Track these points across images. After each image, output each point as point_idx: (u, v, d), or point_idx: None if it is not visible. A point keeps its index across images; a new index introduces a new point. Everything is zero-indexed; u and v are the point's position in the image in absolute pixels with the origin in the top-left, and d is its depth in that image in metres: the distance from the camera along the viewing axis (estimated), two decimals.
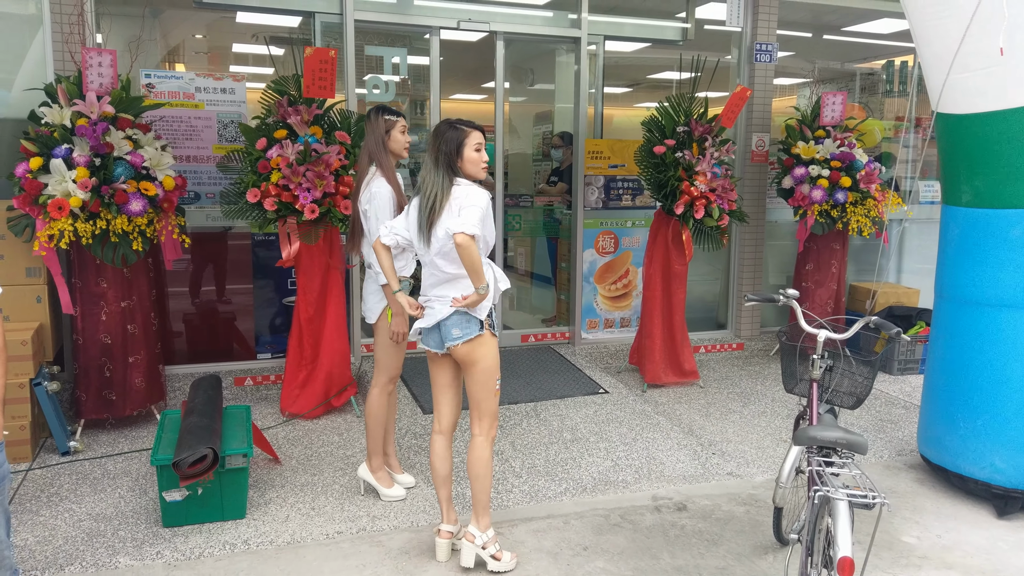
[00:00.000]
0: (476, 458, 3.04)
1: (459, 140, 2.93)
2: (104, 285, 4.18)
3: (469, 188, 2.93)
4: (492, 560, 3.05)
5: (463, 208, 2.86)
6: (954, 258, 3.85)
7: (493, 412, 3.05)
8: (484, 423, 3.05)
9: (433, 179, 2.91)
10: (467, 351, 2.95)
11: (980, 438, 3.68)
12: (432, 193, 2.90)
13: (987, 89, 3.54)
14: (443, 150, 2.92)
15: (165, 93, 4.77)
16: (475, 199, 2.89)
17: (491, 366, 2.99)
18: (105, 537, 3.24)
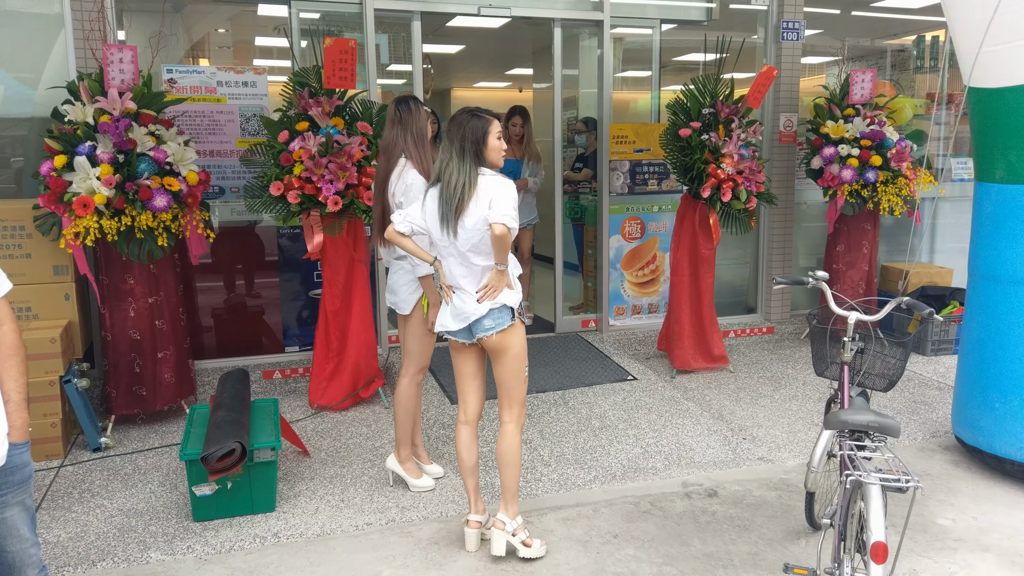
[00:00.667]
0: (507, 445, 3.03)
1: (484, 129, 2.90)
2: (131, 281, 4.23)
3: (496, 178, 2.90)
4: (523, 547, 3.04)
5: (496, 198, 2.83)
6: (988, 236, 3.75)
7: (522, 399, 3.05)
8: (514, 411, 3.04)
9: (459, 169, 2.86)
10: (498, 340, 2.94)
11: (1016, 418, 3.58)
12: (459, 184, 2.85)
13: (1019, 61, 3.42)
14: (469, 139, 2.88)
15: (187, 88, 4.80)
16: (508, 188, 2.87)
17: (521, 353, 3.00)
18: (136, 532, 3.29)
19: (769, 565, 3.03)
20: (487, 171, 2.91)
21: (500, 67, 11.98)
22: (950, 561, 3.06)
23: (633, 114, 6.84)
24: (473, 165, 2.87)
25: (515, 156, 6.08)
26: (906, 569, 3.00)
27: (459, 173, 2.86)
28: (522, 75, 12.38)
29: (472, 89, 14.71)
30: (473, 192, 2.85)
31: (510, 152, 5.53)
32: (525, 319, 3.01)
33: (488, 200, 2.84)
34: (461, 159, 2.87)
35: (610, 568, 3.02)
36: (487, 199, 2.84)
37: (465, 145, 2.87)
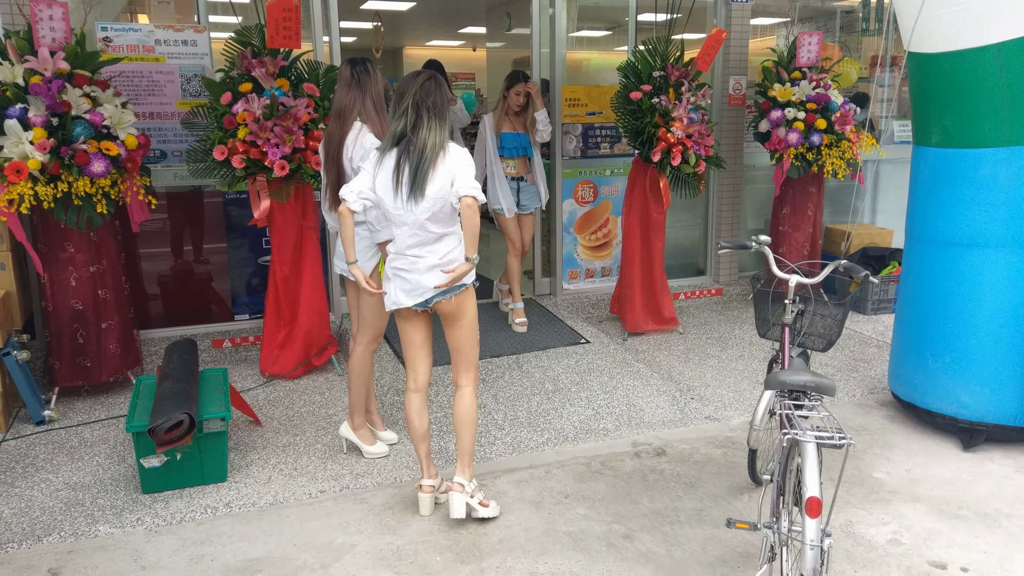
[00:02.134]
0: (466, 407, 3.07)
1: (448, 92, 2.89)
2: (71, 250, 4.10)
3: (457, 147, 2.90)
4: (480, 507, 3.09)
5: (459, 170, 2.82)
6: (924, 198, 3.87)
7: (476, 363, 3.11)
8: (471, 374, 3.10)
9: (431, 132, 2.83)
10: (456, 304, 2.96)
11: (948, 374, 3.75)
12: (431, 146, 2.81)
13: (957, 27, 3.50)
14: (440, 102, 2.86)
15: (124, 47, 4.61)
16: (468, 159, 2.87)
17: (475, 317, 3.06)
18: (84, 506, 3.24)
19: (713, 520, 3.15)
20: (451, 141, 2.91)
21: (453, 25, 11.77)
22: (884, 512, 3.22)
23: (586, 76, 6.81)
24: (443, 128, 2.86)
25: (518, 128, 5.31)
26: (842, 521, 3.15)
27: (432, 136, 2.82)
28: (475, 34, 12.19)
29: (424, 48, 14.43)
30: (444, 156, 2.83)
31: (512, 125, 5.27)
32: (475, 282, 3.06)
33: (451, 168, 2.82)
34: (438, 122, 2.85)
35: (561, 528, 3.10)
36: (451, 168, 2.83)
37: (436, 108, 2.85)
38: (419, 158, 2.82)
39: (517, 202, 5.35)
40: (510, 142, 5.25)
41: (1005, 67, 3.43)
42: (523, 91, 5.17)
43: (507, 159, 5.28)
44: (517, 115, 5.25)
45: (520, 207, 5.37)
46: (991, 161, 3.57)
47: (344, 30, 12.95)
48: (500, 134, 5.24)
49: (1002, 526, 3.11)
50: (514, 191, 5.32)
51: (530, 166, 5.39)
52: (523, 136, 5.29)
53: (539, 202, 5.49)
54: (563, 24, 5.86)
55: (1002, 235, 3.57)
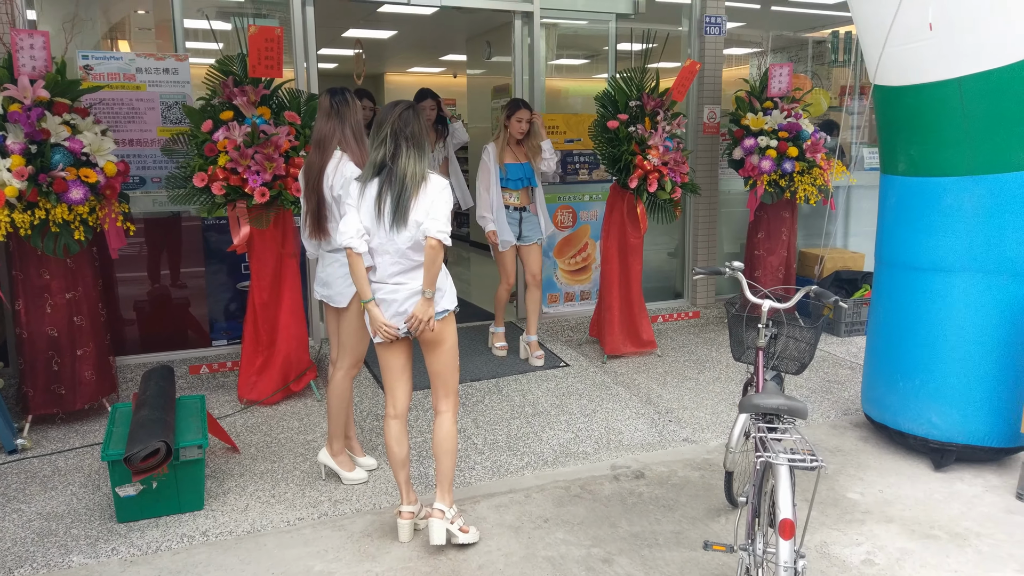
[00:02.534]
0: (446, 434, 3.08)
1: (425, 121, 2.94)
2: (47, 276, 4.08)
3: (438, 178, 2.94)
4: (460, 533, 3.10)
5: (437, 204, 2.86)
6: (892, 225, 3.97)
7: (456, 389, 3.12)
8: (451, 400, 3.11)
9: (411, 160, 2.87)
10: (436, 331, 2.98)
11: (918, 396, 3.83)
12: (411, 175, 2.86)
13: (919, 62, 3.63)
14: (423, 131, 2.91)
15: (104, 75, 4.63)
16: (447, 195, 2.91)
17: (456, 343, 3.08)
18: (57, 536, 3.20)
19: (691, 543, 3.17)
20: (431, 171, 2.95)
21: (434, 53, 11.90)
22: (857, 532, 3.26)
23: (565, 104, 6.92)
24: (422, 158, 2.91)
25: (521, 158, 5.16)
26: (817, 541, 3.19)
27: (414, 165, 2.87)
28: (456, 61, 12.32)
29: (406, 74, 14.54)
30: (425, 186, 2.88)
31: (514, 155, 5.11)
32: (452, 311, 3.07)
33: (431, 198, 2.86)
34: (419, 151, 2.89)
35: (540, 552, 3.11)
36: (431, 198, 2.87)
37: (412, 137, 2.89)
38: (400, 187, 2.86)
39: (519, 234, 5.18)
40: (515, 173, 5.12)
41: (966, 100, 3.56)
42: (525, 118, 5.03)
43: (510, 190, 5.14)
44: (519, 144, 5.12)
45: (522, 239, 5.20)
46: (955, 189, 3.68)
47: (326, 57, 12.99)
48: (504, 165, 5.08)
49: (972, 545, 3.17)
50: (515, 222, 5.16)
51: (532, 196, 5.24)
52: (527, 166, 5.15)
53: (541, 234, 5.29)
54: (542, 53, 5.97)
55: (967, 260, 3.67)
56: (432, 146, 3.42)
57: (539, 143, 5.14)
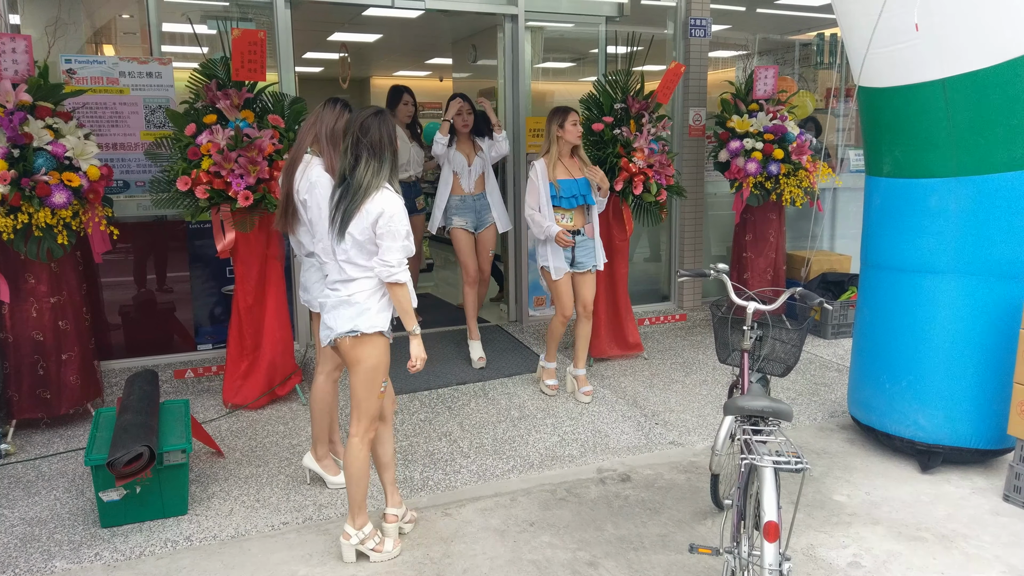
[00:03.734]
0: (350, 459, 2.93)
1: (394, 129, 2.90)
2: (32, 281, 4.05)
3: (391, 197, 2.83)
4: (374, 553, 3.01)
5: (386, 234, 2.76)
6: (877, 226, 3.99)
7: (372, 414, 2.94)
8: (362, 424, 2.93)
9: (368, 171, 2.80)
10: (347, 348, 2.87)
11: (904, 398, 3.84)
12: (364, 186, 2.79)
13: (904, 63, 3.65)
14: (389, 139, 2.84)
15: (87, 79, 4.60)
16: (400, 221, 2.80)
17: (375, 367, 2.88)
18: (40, 541, 3.17)
19: (677, 545, 3.17)
20: (389, 187, 2.86)
21: (419, 56, 11.89)
22: (844, 535, 3.27)
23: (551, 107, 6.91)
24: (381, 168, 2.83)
25: (575, 174, 4.55)
26: (804, 544, 3.19)
27: (368, 174, 2.80)
28: (442, 64, 12.31)
29: (392, 78, 14.52)
30: (372, 198, 2.79)
31: (567, 170, 4.53)
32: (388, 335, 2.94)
33: (375, 216, 2.77)
34: (371, 161, 2.81)
35: (526, 556, 3.10)
36: (375, 215, 2.77)
37: (382, 147, 2.83)
38: (351, 198, 2.80)
39: (572, 259, 4.58)
40: (569, 190, 4.48)
41: (950, 101, 3.58)
42: (578, 121, 4.49)
43: (563, 210, 4.51)
44: (572, 156, 4.56)
45: (575, 265, 4.59)
46: (940, 191, 3.70)
47: (312, 61, 12.94)
48: (557, 181, 4.48)
49: (959, 547, 3.18)
50: (567, 247, 4.57)
51: (588, 216, 4.63)
52: (583, 182, 4.52)
53: (595, 260, 4.66)
54: (527, 56, 5.97)
55: (952, 261, 3.69)
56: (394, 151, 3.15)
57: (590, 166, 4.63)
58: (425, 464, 3.90)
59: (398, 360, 3.15)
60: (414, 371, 2.94)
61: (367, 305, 2.85)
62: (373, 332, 2.85)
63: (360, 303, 2.85)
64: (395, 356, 3.10)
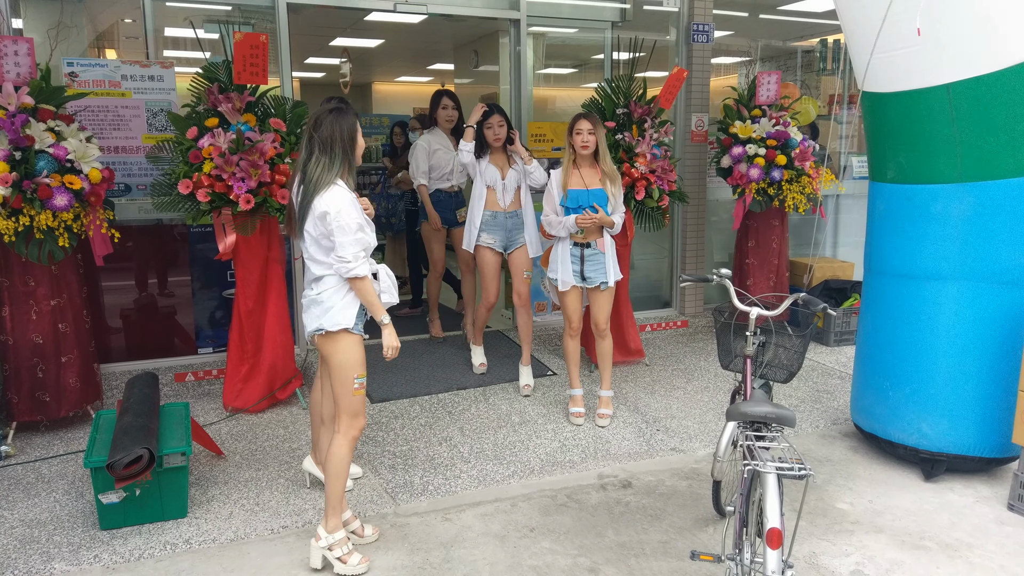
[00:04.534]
0: (330, 455, 2.96)
1: (354, 126, 2.89)
2: (32, 283, 4.04)
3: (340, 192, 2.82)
4: (339, 563, 2.94)
5: (336, 230, 2.76)
6: (880, 232, 3.98)
7: (353, 410, 2.94)
8: (341, 421, 2.95)
9: (318, 166, 2.81)
10: (320, 343, 2.94)
11: (908, 405, 3.82)
12: (314, 181, 2.80)
13: (908, 68, 3.64)
14: (341, 135, 2.84)
15: (89, 82, 4.60)
16: (348, 215, 2.79)
17: (346, 363, 2.90)
18: (39, 543, 3.16)
19: (678, 552, 3.15)
20: (340, 182, 2.86)
21: (421, 62, 11.91)
22: (847, 543, 3.24)
23: (552, 113, 6.92)
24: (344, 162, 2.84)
25: (591, 184, 4.28)
26: (806, 552, 3.17)
27: (318, 169, 2.82)
28: (444, 70, 12.33)
29: (394, 83, 14.55)
30: (322, 195, 2.79)
31: (582, 179, 4.28)
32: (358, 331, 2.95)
33: (321, 212, 2.77)
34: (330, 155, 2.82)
35: (526, 562, 3.08)
36: (321, 211, 2.78)
37: (335, 142, 2.83)
38: (305, 194, 2.84)
39: (581, 274, 4.37)
40: (576, 200, 4.26)
41: (954, 106, 3.57)
42: (586, 129, 4.22)
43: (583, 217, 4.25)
44: (591, 165, 4.32)
45: (585, 280, 4.38)
46: (944, 196, 3.68)
47: (313, 66, 12.97)
48: (567, 190, 4.30)
49: (963, 556, 3.15)
50: (575, 259, 4.35)
51: (602, 231, 4.37)
52: (597, 193, 4.25)
53: (606, 277, 4.37)
54: (529, 61, 5.97)
55: (956, 268, 3.67)
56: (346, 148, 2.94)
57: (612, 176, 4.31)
58: (425, 469, 3.88)
59: (396, 367, 3.14)
60: (388, 359, 2.98)
61: (331, 303, 2.89)
62: (338, 329, 2.88)
63: (324, 301, 2.90)
64: (391, 364, 3.09)
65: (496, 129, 4.75)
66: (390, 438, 4.26)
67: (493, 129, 4.75)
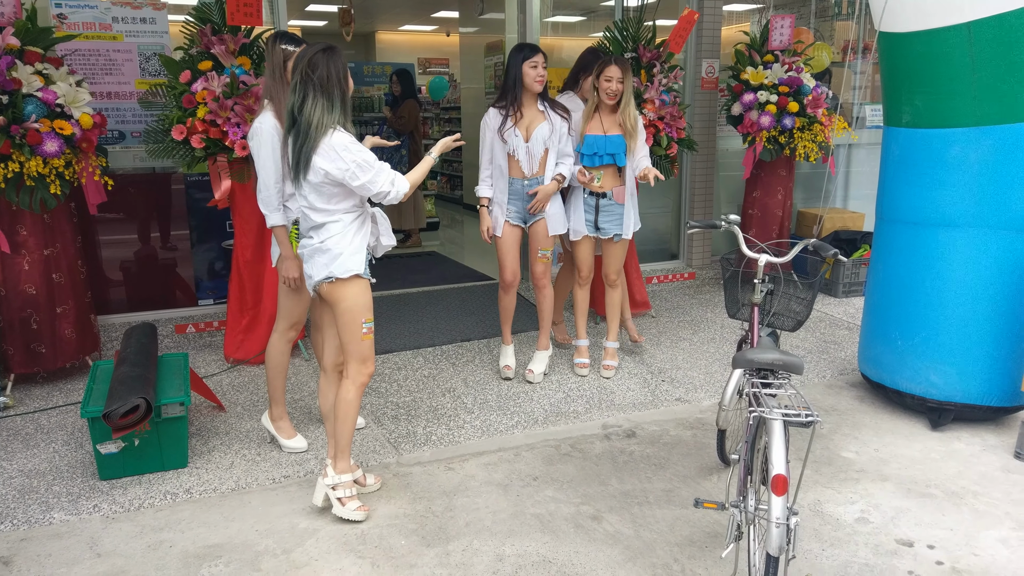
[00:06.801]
0: (339, 399, 2.93)
1: (345, 67, 2.76)
2: (24, 233, 3.97)
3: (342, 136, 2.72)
4: (338, 503, 2.93)
5: (359, 170, 2.69)
6: (894, 179, 3.86)
7: (361, 356, 2.90)
8: (351, 366, 2.91)
9: (316, 108, 2.69)
10: (327, 292, 2.86)
11: (917, 354, 3.76)
12: (315, 124, 2.68)
13: (927, 6, 3.49)
14: (338, 76, 2.73)
15: (79, 24, 4.46)
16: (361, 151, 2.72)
17: (355, 307, 2.84)
18: (38, 493, 3.14)
19: (682, 500, 3.12)
20: (341, 128, 2.75)
21: (425, 9, 11.63)
22: (852, 491, 3.21)
23: (559, 61, 6.73)
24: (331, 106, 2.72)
25: (611, 130, 4.06)
26: (811, 500, 3.14)
27: (316, 111, 2.69)
28: (449, 18, 12.05)
29: (397, 32, 14.26)
30: (329, 138, 2.69)
31: (601, 125, 4.07)
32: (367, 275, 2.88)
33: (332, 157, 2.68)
34: (318, 98, 2.70)
35: (529, 510, 3.05)
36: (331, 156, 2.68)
37: (330, 84, 2.71)
38: (304, 138, 2.71)
39: (595, 223, 4.20)
40: (592, 146, 4.05)
41: (974, 46, 3.42)
42: (616, 77, 3.97)
43: (589, 168, 4.10)
44: (613, 112, 4.07)
45: (599, 230, 4.21)
46: (961, 141, 3.56)
47: (314, 14, 12.68)
48: (584, 136, 4.09)
49: (968, 504, 3.12)
50: (590, 209, 4.17)
51: (623, 179, 4.15)
52: (615, 140, 4.02)
53: (620, 229, 4.19)
54: (536, 8, 5.78)
55: (971, 215, 3.57)
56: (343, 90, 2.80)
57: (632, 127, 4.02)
58: (428, 419, 3.85)
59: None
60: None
61: (339, 249, 2.81)
62: (348, 276, 2.81)
63: (332, 248, 2.81)
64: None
65: (541, 69, 3.97)
66: (393, 389, 4.23)
67: (539, 68, 3.96)
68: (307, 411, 3.93)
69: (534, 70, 3.93)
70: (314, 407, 3.96)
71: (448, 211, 10.80)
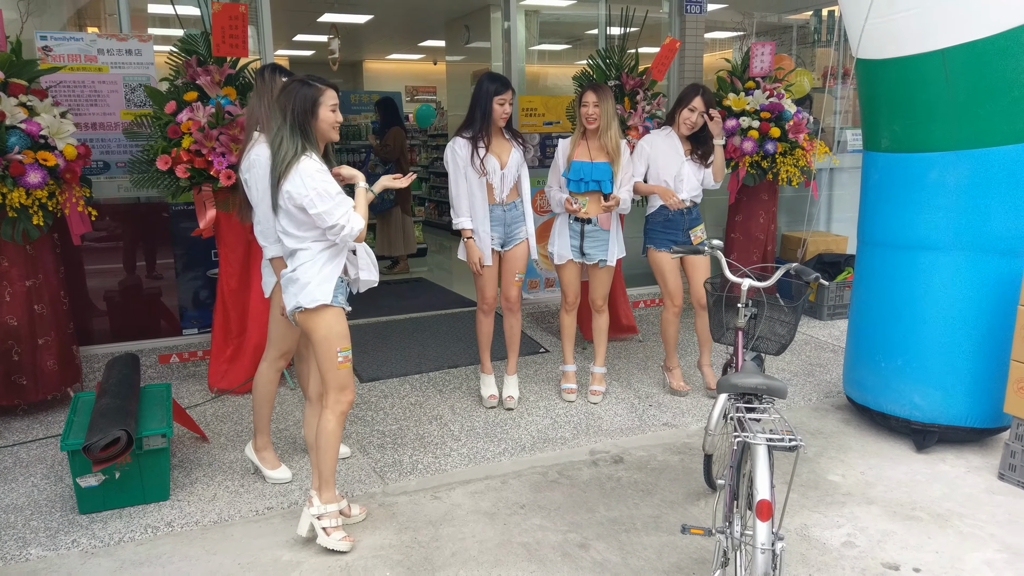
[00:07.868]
0: (320, 429, 2.92)
1: (314, 98, 2.78)
2: (6, 264, 3.94)
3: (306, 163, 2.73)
4: (323, 533, 2.91)
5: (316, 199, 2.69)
6: (874, 203, 3.91)
7: (339, 384, 2.90)
8: (330, 395, 2.91)
9: (285, 139, 2.75)
10: (301, 320, 2.88)
11: (900, 377, 3.77)
12: (283, 154, 2.74)
13: (902, 34, 3.55)
14: (296, 109, 2.76)
15: (64, 56, 4.48)
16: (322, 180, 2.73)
17: (328, 336, 2.85)
18: (15, 529, 3.09)
19: (669, 527, 3.10)
20: (314, 155, 2.77)
21: (412, 38, 11.75)
22: (838, 515, 3.21)
23: (544, 88, 6.81)
24: (301, 138, 2.75)
25: (597, 157, 4.11)
26: (798, 524, 3.13)
27: (285, 142, 2.75)
28: (435, 47, 12.17)
29: (384, 61, 14.38)
30: (296, 167, 2.72)
31: (588, 151, 4.11)
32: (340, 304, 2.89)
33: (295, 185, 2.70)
34: (290, 132, 2.75)
35: (516, 538, 3.03)
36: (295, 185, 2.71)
37: (291, 116, 2.75)
38: (275, 161, 2.77)
39: (580, 248, 4.24)
40: (578, 172, 4.09)
41: (949, 72, 3.48)
42: (592, 102, 4.03)
43: (574, 194, 4.14)
44: (600, 139, 4.09)
45: (584, 256, 4.25)
46: (939, 165, 3.61)
47: (301, 43, 12.79)
48: (571, 162, 4.14)
49: (954, 526, 3.12)
50: (575, 235, 4.21)
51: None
52: (600, 166, 4.07)
53: (606, 255, 4.24)
54: (521, 37, 5.86)
55: (951, 238, 3.61)
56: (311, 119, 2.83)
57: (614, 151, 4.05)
58: (415, 447, 3.82)
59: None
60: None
61: (307, 279, 2.83)
62: (315, 306, 2.82)
63: (300, 279, 2.83)
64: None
65: (508, 106, 4.03)
66: (379, 417, 4.20)
67: (506, 106, 4.01)
68: (291, 441, 3.89)
69: (501, 107, 3.99)
70: (299, 437, 3.93)
71: (436, 237, 10.83)
